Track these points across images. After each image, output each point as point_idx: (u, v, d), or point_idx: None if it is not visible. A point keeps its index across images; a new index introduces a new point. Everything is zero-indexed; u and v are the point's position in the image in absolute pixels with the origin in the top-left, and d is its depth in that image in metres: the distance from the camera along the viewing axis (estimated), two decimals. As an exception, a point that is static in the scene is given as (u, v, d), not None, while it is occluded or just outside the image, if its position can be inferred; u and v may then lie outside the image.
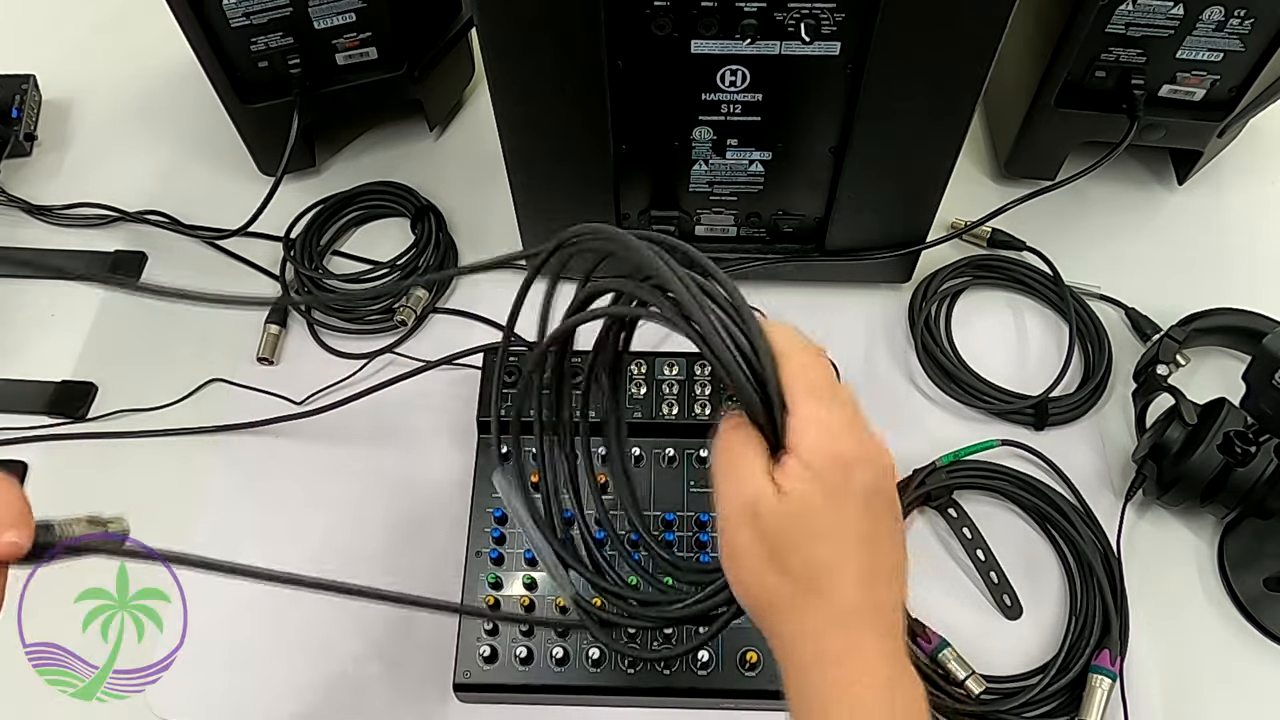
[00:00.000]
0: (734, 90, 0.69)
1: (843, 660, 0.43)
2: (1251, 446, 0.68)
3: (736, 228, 0.82)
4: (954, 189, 0.76)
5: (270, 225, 0.89)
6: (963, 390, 0.81)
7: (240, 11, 0.80)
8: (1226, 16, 0.75)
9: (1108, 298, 0.86)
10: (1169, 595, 0.73)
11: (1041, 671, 0.69)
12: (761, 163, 0.75)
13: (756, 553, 0.44)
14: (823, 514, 0.43)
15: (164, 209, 0.93)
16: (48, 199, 0.94)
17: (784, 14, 0.63)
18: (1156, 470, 0.72)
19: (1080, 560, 0.73)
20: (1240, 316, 0.80)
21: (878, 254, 0.81)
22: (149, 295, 0.88)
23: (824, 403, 0.43)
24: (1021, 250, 0.88)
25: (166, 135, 0.99)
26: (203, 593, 0.57)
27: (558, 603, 0.69)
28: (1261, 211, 0.92)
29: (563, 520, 0.60)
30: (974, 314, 0.86)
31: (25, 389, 0.84)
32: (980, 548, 0.74)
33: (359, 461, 0.79)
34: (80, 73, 1.03)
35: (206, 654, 0.71)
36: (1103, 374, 0.81)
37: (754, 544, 0.44)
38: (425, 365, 0.81)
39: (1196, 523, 0.76)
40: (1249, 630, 0.72)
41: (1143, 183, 0.94)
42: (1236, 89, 0.81)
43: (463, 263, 0.90)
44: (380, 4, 0.83)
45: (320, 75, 0.86)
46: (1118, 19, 0.77)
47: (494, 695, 0.68)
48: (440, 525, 0.75)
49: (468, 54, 0.97)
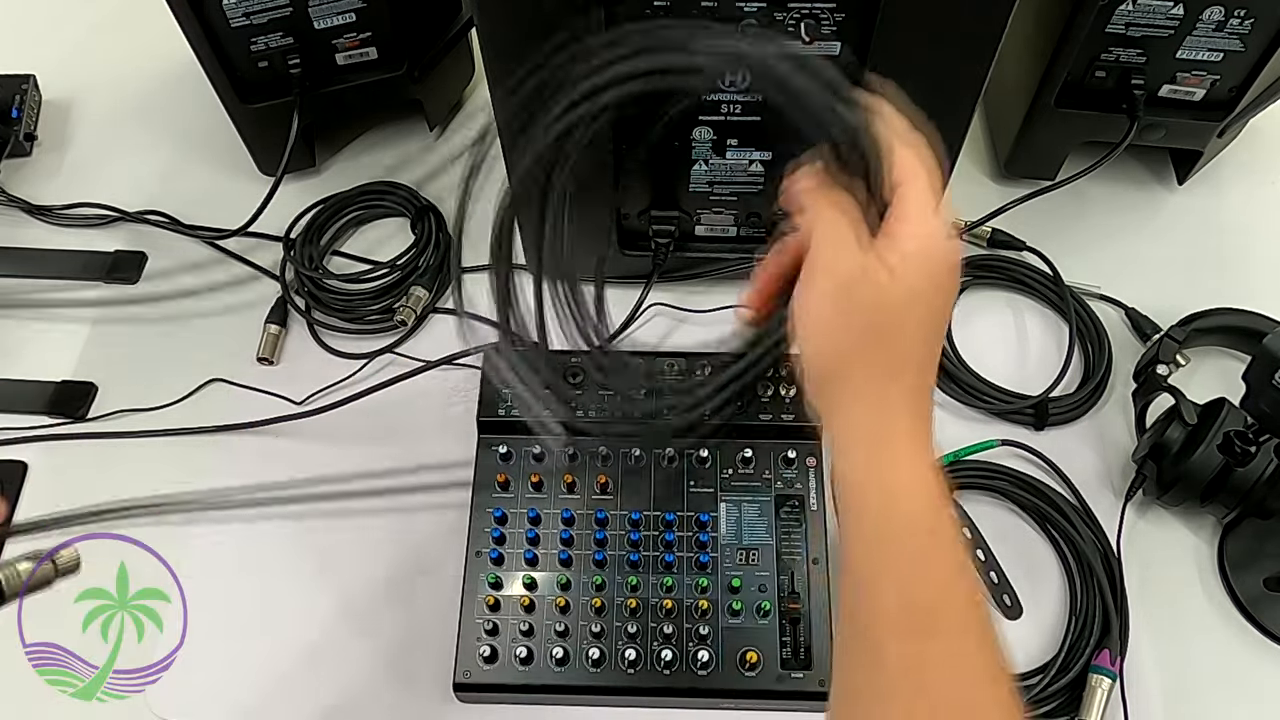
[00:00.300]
0: (734, 90, 0.69)
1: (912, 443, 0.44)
2: (1251, 446, 0.68)
3: (736, 228, 0.82)
4: (954, 189, 0.75)
5: (270, 225, 0.89)
6: (963, 390, 0.81)
7: (240, 11, 0.80)
8: (1226, 16, 0.75)
9: (1108, 298, 0.86)
10: (1169, 595, 0.73)
11: (1041, 671, 0.69)
12: (761, 163, 0.75)
13: (847, 324, 0.44)
14: (926, 303, 0.44)
15: (164, 209, 0.92)
16: (48, 199, 0.94)
17: (784, 14, 0.63)
18: (1156, 470, 0.72)
19: (1080, 560, 0.73)
20: (1240, 316, 0.80)
21: (878, 254, 0.81)
22: (149, 295, 0.88)
23: (938, 194, 0.44)
24: (1021, 250, 0.88)
25: (166, 135, 0.99)
26: (203, 593, 0.57)
27: (558, 603, 0.69)
28: (1261, 211, 0.92)
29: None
30: (974, 314, 0.86)
31: (25, 389, 0.84)
32: (980, 548, 0.74)
33: (359, 461, 0.79)
34: (80, 73, 1.03)
35: (206, 654, 0.71)
36: (1103, 374, 0.81)
37: (850, 314, 0.44)
38: (425, 365, 0.81)
39: (1196, 523, 0.76)
40: (1249, 630, 0.72)
41: (1143, 183, 0.94)
42: (1236, 89, 0.81)
43: (462, 263, 0.90)
44: (380, 4, 0.83)
45: (320, 75, 0.86)
46: (1118, 19, 0.77)
47: (494, 695, 0.68)
48: (440, 525, 0.75)
49: (468, 54, 0.97)
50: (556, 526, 0.72)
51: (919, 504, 0.43)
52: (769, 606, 0.69)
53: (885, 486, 0.44)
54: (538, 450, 0.74)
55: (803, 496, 0.73)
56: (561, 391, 0.76)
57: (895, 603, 0.42)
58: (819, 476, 0.74)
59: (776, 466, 0.74)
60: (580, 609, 0.69)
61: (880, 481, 0.44)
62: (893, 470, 0.44)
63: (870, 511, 0.44)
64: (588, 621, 0.69)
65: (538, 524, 0.72)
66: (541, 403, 0.56)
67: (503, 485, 0.74)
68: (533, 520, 0.72)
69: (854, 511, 0.45)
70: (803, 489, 0.73)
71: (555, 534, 0.72)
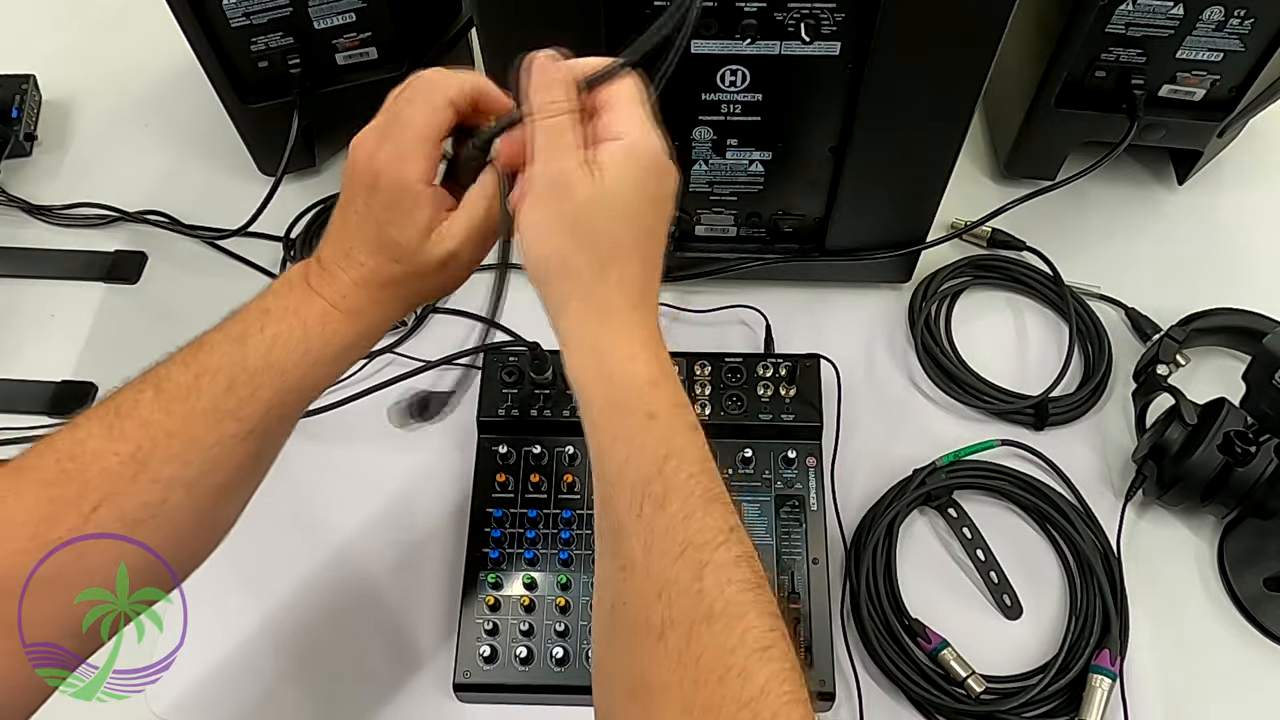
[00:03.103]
0: (734, 90, 0.69)
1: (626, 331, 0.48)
2: (1251, 446, 0.69)
3: (736, 228, 0.82)
4: (954, 189, 0.76)
5: (270, 225, 0.89)
6: (963, 390, 0.81)
7: (240, 11, 0.80)
8: (1226, 16, 0.75)
9: (1108, 298, 0.86)
10: (1169, 595, 0.73)
11: (1041, 671, 0.69)
12: (761, 163, 0.75)
13: (558, 226, 0.47)
14: (631, 199, 0.48)
15: (164, 209, 0.93)
16: (48, 199, 0.94)
17: (784, 14, 0.63)
18: (1156, 470, 0.72)
19: (1080, 560, 0.73)
20: (1240, 316, 0.80)
21: (878, 254, 0.81)
22: (149, 295, 0.88)
23: (644, 106, 0.49)
24: (1021, 250, 0.88)
25: (166, 135, 0.99)
26: (203, 593, 0.57)
27: (558, 603, 0.69)
28: (1261, 211, 0.92)
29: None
30: (974, 314, 0.86)
31: (25, 389, 0.84)
32: (980, 548, 0.74)
33: (359, 461, 0.79)
34: (80, 73, 1.03)
35: (206, 654, 0.71)
36: (1103, 374, 0.81)
37: (560, 218, 0.47)
38: (425, 365, 0.81)
39: (1196, 523, 0.76)
40: (1249, 630, 0.72)
41: (1143, 183, 0.94)
42: (1236, 89, 0.81)
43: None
44: (380, 4, 0.83)
45: (320, 75, 0.86)
46: (1118, 19, 0.77)
47: (494, 695, 0.68)
48: (440, 525, 0.75)
49: (468, 54, 0.97)
50: (556, 526, 0.72)
51: (634, 392, 0.47)
52: (769, 606, 0.69)
53: (604, 375, 0.48)
54: (538, 450, 0.74)
55: (803, 496, 0.73)
56: (560, 390, 0.76)
57: (620, 479, 0.46)
58: (819, 476, 0.74)
59: (776, 466, 0.74)
60: (580, 609, 0.69)
61: (599, 372, 0.48)
62: (611, 362, 0.48)
63: (596, 400, 0.48)
64: (588, 621, 0.69)
65: (538, 524, 0.72)
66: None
67: (503, 485, 0.74)
68: (533, 520, 0.72)
69: (583, 401, 0.49)
70: (803, 489, 0.73)
71: (555, 534, 0.72)
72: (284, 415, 0.52)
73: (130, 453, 0.47)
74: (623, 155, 0.47)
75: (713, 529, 0.45)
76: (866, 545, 0.73)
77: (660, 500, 0.45)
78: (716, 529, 0.45)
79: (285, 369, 0.50)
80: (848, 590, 0.72)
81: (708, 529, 0.45)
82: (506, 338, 0.79)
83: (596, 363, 0.48)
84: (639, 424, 0.47)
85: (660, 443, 0.47)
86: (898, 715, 0.69)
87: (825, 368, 0.78)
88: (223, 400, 0.49)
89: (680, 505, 0.45)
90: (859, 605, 0.71)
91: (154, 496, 0.47)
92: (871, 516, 0.75)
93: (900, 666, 0.69)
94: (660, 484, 0.46)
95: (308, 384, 0.52)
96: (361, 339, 0.53)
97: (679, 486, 0.46)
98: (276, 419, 0.51)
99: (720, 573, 0.44)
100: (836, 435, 0.78)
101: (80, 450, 0.47)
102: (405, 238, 0.50)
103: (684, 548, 0.44)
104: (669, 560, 0.44)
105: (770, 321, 0.83)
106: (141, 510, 0.47)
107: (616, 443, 0.47)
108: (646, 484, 0.46)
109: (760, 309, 0.84)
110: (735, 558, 0.45)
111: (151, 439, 0.47)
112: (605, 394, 0.48)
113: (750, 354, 0.78)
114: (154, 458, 0.47)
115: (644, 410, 0.47)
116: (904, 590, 0.72)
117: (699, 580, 0.43)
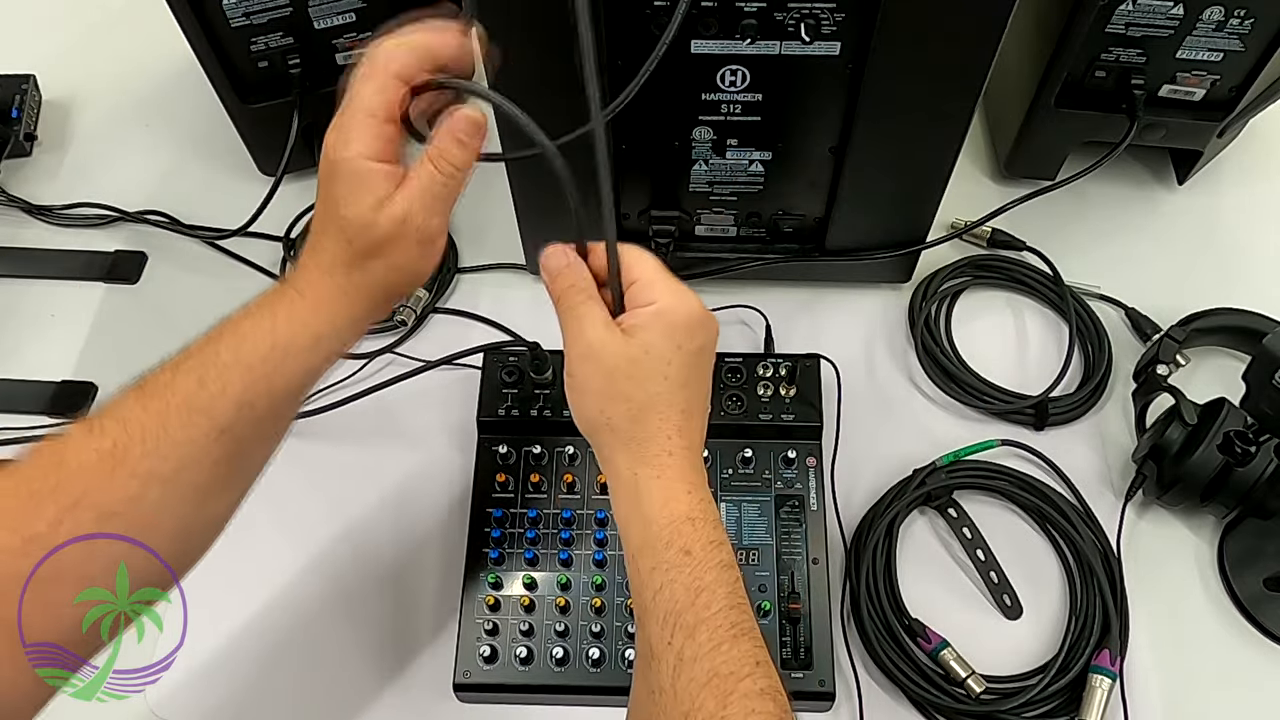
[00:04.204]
0: (734, 90, 0.69)
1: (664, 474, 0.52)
2: (1251, 446, 0.69)
3: (736, 228, 0.82)
4: (954, 189, 0.76)
5: (270, 225, 0.89)
6: (963, 390, 0.81)
7: (240, 11, 0.80)
8: (1226, 16, 0.75)
9: (1108, 298, 0.86)
10: (1169, 595, 0.73)
11: (1041, 671, 0.69)
12: (761, 163, 0.75)
13: (597, 387, 0.52)
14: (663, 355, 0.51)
15: (164, 209, 0.93)
16: (48, 199, 0.94)
17: (784, 14, 0.63)
18: (1156, 470, 0.72)
19: (1080, 560, 0.73)
20: (1240, 316, 0.80)
21: (878, 254, 0.81)
22: (149, 295, 0.88)
23: (670, 274, 0.53)
24: (1021, 250, 0.88)
25: (166, 135, 0.99)
26: (203, 593, 0.57)
27: (558, 603, 0.69)
28: (1261, 211, 0.92)
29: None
30: (974, 314, 0.86)
31: (25, 389, 0.84)
32: (980, 548, 0.74)
33: (359, 461, 0.79)
34: (80, 73, 1.03)
35: (206, 654, 0.71)
36: (1103, 374, 0.81)
37: (595, 379, 0.52)
38: (425, 365, 0.81)
39: (1196, 523, 0.76)
40: (1249, 630, 0.72)
41: (1143, 183, 0.94)
42: (1236, 89, 0.81)
43: (463, 263, 0.90)
44: (380, 4, 0.83)
45: (320, 75, 0.86)
46: (1118, 19, 0.77)
47: (494, 695, 0.68)
48: (440, 525, 0.75)
49: (468, 54, 0.97)
50: (556, 526, 0.72)
51: (671, 530, 0.51)
52: (769, 606, 0.69)
53: (642, 517, 0.51)
54: (538, 450, 0.74)
55: (803, 496, 0.73)
56: (560, 391, 0.76)
57: (654, 607, 0.49)
58: (819, 476, 0.74)
59: (776, 466, 0.74)
60: (580, 609, 0.69)
61: (638, 514, 0.52)
62: (648, 505, 0.51)
63: (633, 539, 0.52)
64: (588, 621, 0.69)
65: (538, 524, 0.72)
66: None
67: (503, 485, 0.74)
68: (533, 520, 0.72)
69: (624, 536, 0.53)
70: (803, 489, 0.73)
71: (555, 534, 0.72)
72: (257, 418, 0.51)
73: (108, 449, 0.47)
74: (651, 318, 0.52)
75: (739, 660, 0.47)
76: (866, 545, 0.73)
77: (690, 630, 0.48)
78: (743, 660, 0.47)
79: (253, 363, 0.50)
80: (848, 590, 0.72)
81: (734, 660, 0.47)
82: (507, 337, 0.79)
83: (635, 505, 0.52)
84: (674, 559, 0.50)
85: (694, 578, 0.49)
86: (898, 715, 0.69)
87: (825, 368, 0.78)
88: (195, 396, 0.49)
89: (709, 636, 0.48)
90: (859, 605, 0.71)
91: (131, 491, 0.47)
92: (871, 516, 0.75)
93: (900, 666, 0.69)
94: (691, 615, 0.48)
95: (278, 381, 0.51)
96: (331, 330, 0.52)
97: (709, 620, 0.48)
98: (250, 421, 0.50)
99: (745, 702, 0.46)
100: (836, 435, 0.78)
101: (63, 448, 0.47)
102: (355, 214, 0.50)
103: (710, 676, 0.47)
104: (696, 687, 0.47)
105: (770, 321, 0.83)
106: (120, 505, 0.47)
107: (654, 573, 0.50)
108: (679, 615, 0.48)
109: (760, 309, 0.84)
110: (760, 690, 0.47)
111: (128, 434, 0.47)
112: (642, 534, 0.51)
113: (750, 354, 0.78)
114: (130, 453, 0.47)
115: (679, 547, 0.50)
116: (904, 590, 0.72)
117: (724, 708, 0.46)
